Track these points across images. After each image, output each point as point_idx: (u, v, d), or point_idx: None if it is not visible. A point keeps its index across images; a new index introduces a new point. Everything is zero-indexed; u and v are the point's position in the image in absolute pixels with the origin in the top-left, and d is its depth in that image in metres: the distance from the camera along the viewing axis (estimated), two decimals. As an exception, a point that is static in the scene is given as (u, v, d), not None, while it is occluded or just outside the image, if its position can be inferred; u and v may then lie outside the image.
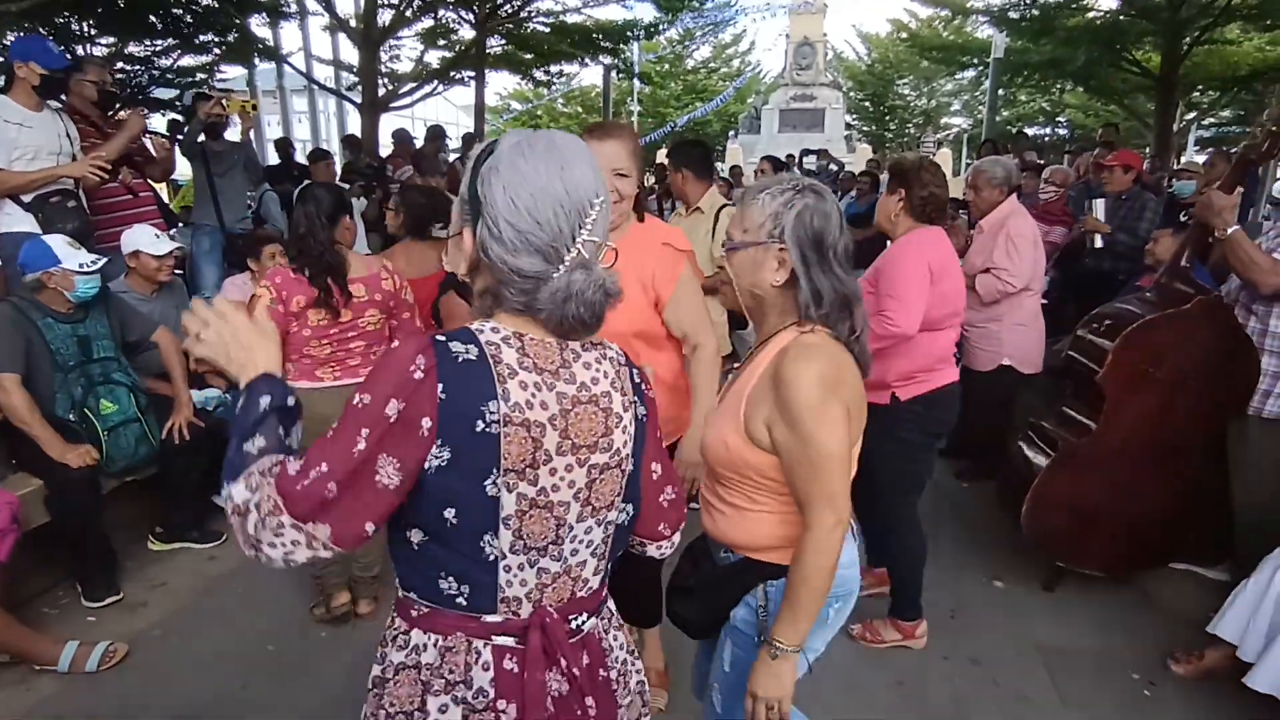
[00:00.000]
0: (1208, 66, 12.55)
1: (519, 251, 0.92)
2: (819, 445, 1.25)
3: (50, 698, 2.37)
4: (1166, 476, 2.74)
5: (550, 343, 0.97)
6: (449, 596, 0.95)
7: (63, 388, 2.82)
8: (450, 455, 0.89)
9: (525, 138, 0.95)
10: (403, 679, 0.97)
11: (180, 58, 9.39)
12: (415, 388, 0.88)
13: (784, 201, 1.32)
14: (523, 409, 0.91)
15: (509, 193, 0.92)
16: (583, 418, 0.96)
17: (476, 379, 0.90)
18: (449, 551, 0.93)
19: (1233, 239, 2.48)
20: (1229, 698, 2.28)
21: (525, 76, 12.81)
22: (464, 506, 0.91)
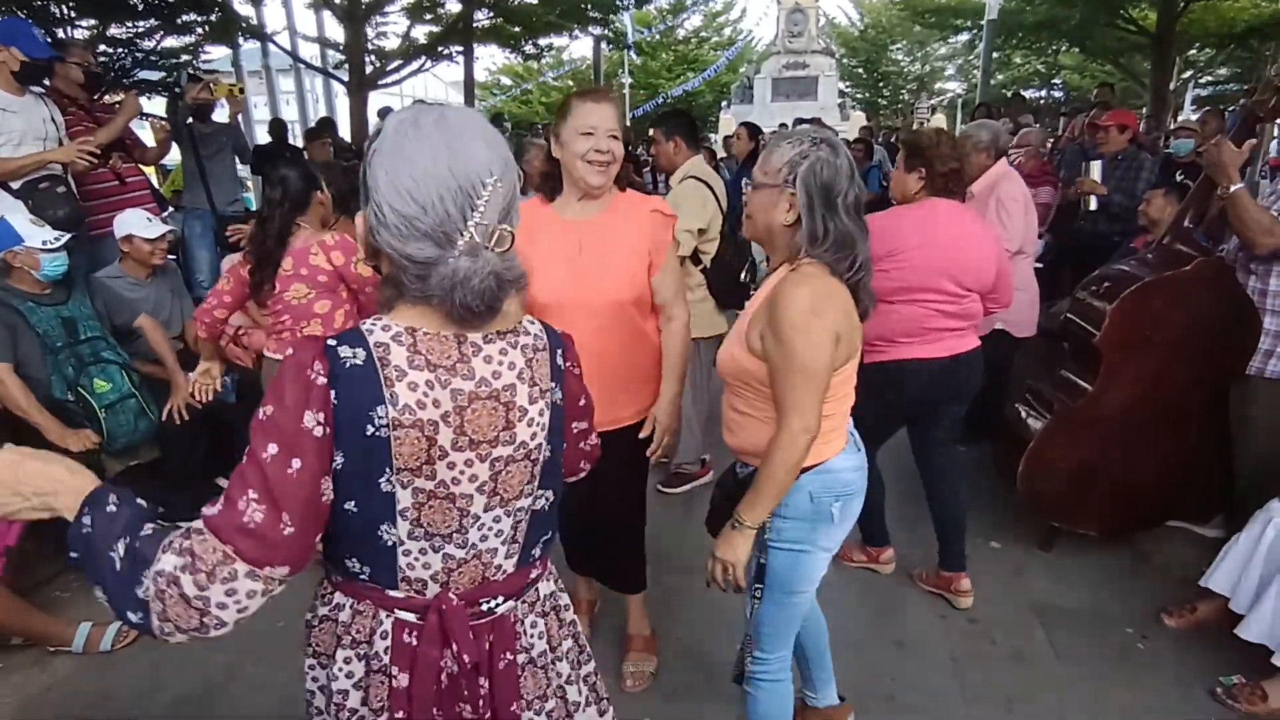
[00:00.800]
0: (1204, 23, 12.43)
1: (407, 238, 0.89)
2: (797, 357, 1.44)
3: (65, 678, 2.41)
4: (1162, 438, 2.76)
5: (447, 337, 0.94)
6: (354, 573, 1.01)
7: (56, 370, 2.83)
8: (344, 459, 0.90)
9: (412, 115, 0.92)
10: (325, 627, 1.07)
11: (163, 39, 9.25)
12: (321, 396, 0.88)
13: (800, 152, 1.48)
14: (413, 410, 0.91)
15: (391, 176, 0.89)
16: (480, 413, 0.96)
17: (365, 384, 0.89)
18: (350, 538, 0.97)
19: (1235, 196, 2.44)
20: (1220, 649, 2.33)
21: (514, 50, 12.62)
22: (361, 501, 0.93)
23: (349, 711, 1.04)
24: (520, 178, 1.80)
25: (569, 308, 1.97)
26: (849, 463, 1.63)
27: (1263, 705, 2.11)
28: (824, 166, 1.47)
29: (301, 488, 0.87)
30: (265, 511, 0.85)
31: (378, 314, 0.97)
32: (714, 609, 2.60)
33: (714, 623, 2.55)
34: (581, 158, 1.88)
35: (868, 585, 2.81)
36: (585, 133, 1.88)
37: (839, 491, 1.60)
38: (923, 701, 2.25)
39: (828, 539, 1.63)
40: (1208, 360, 2.66)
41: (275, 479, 0.86)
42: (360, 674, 1.03)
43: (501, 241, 0.91)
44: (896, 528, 2.96)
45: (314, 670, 1.09)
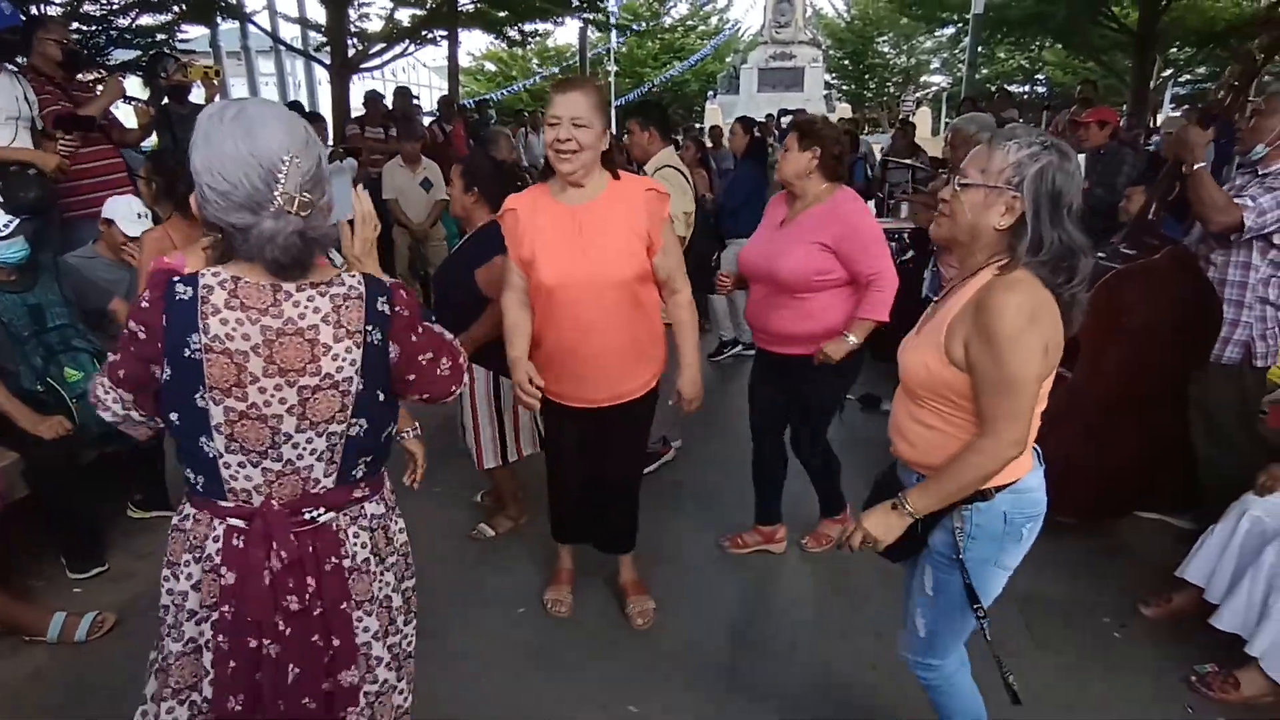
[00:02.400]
0: (1185, 22, 12.57)
1: (227, 209, 1.12)
2: (1012, 368, 1.35)
3: (41, 668, 2.37)
4: (1138, 424, 2.82)
5: (264, 285, 1.17)
6: (193, 484, 1.24)
7: (23, 360, 2.76)
8: (171, 373, 1.16)
9: (218, 110, 1.14)
10: (176, 537, 1.29)
11: (138, 17, 9.04)
12: (146, 315, 1.15)
13: (1029, 154, 1.38)
14: (223, 340, 1.14)
15: (206, 162, 1.11)
16: (289, 347, 1.17)
17: (186, 314, 1.13)
18: (180, 449, 1.22)
19: (1198, 174, 2.53)
20: (1195, 638, 2.37)
21: (499, 35, 12.48)
22: (182, 413, 1.18)
23: (188, 613, 1.25)
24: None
25: (573, 288, 2.04)
26: (1038, 481, 1.57)
27: (1235, 693, 2.15)
28: (1056, 173, 1.37)
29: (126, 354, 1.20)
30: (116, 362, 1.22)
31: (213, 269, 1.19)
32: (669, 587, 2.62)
33: (680, 601, 2.56)
34: (550, 146, 1.97)
35: (844, 575, 2.83)
36: (551, 122, 1.96)
37: (1031, 512, 1.54)
38: (904, 691, 2.27)
39: (1012, 558, 1.57)
40: (1176, 347, 2.73)
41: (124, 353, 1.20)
42: (197, 576, 1.25)
43: (303, 207, 1.13)
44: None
45: (167, 581, 1.29)
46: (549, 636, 2.50)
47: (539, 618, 2.59)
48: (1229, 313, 2.66)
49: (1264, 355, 2.69)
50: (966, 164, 1.47)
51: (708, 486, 3.46)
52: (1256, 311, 2.65)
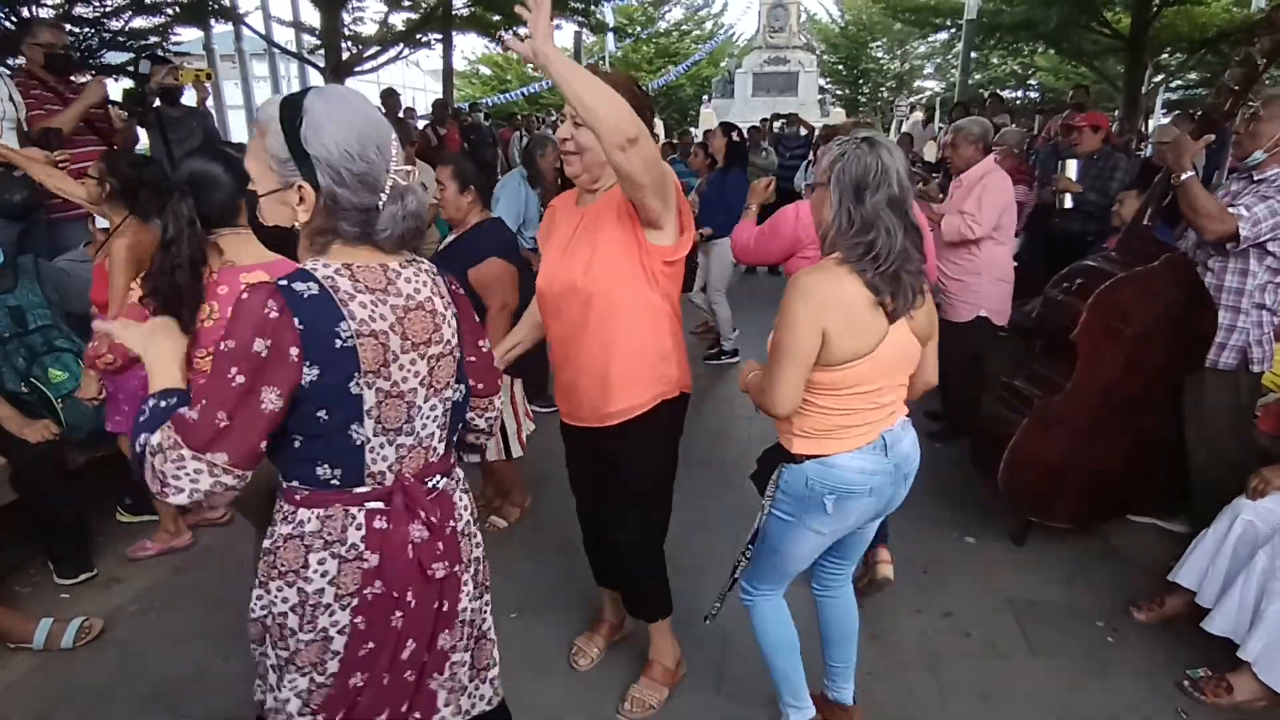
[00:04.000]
0: (1177, 28, 12.63)
1: (359, 190, 1.12)
2: (781, 339, 1.58)
3: (26, 675, 2.34)
4: (1133, 428, 2.83)
5: (374, 268, 1.18)
6: (325, 480, 1.18)
7: (5, 362, 2.74)
8: (319, 370, 1.10)
9: (329, 94, 1.15)
10: (289, 546, 1.20)
11: (131, 19, 9.00)
12: (275, 325, 1.07)
13: (838, 153, 1.57)
14: (368, 323, 1.14)
15: (341, 144, 1.10)
16: (415, 321, 1.20)
17: (324, 308, 1.10)
18: (324, 444, 1.16)
19: (1187, 184, 2.53)
20: (1187, 642, 2.38)
21: (494, 39, 12.48)
22: (333, 407, 1.13)
23: (323, 607, 1.20)
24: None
25: (549, 296, 1.93)
26: (856, 464, 1.69)
27: (1227, 697, 2.15)
28: (853, 163, 1.54)
29: (241, 392, 1.07)
30: (201, 411, 1.08)
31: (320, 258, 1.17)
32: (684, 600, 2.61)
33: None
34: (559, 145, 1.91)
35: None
36: (560, 121, 1.88)
37: (833, 485, 1.69)
38: (898, 695, 2.26)
39: (819, 523, 1.73)
40: (1170, 352, 2.74)
41: (220, 387, 1.07)
42: (334, 570, 1.19)
43: (412, 180, 1.17)
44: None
45: (281, 590, 1.20)
46: (539, 641, 2.49)
47: (531, 622, 2.58)
48: (1225, 318, 2.66)
49: (1260, 360, 2.69)
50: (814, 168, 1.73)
51: (702, 489, 3.45)
52: (1253, 317, 2.65)
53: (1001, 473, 2.83)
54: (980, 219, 3.51)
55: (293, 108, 1.13)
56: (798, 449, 1.70)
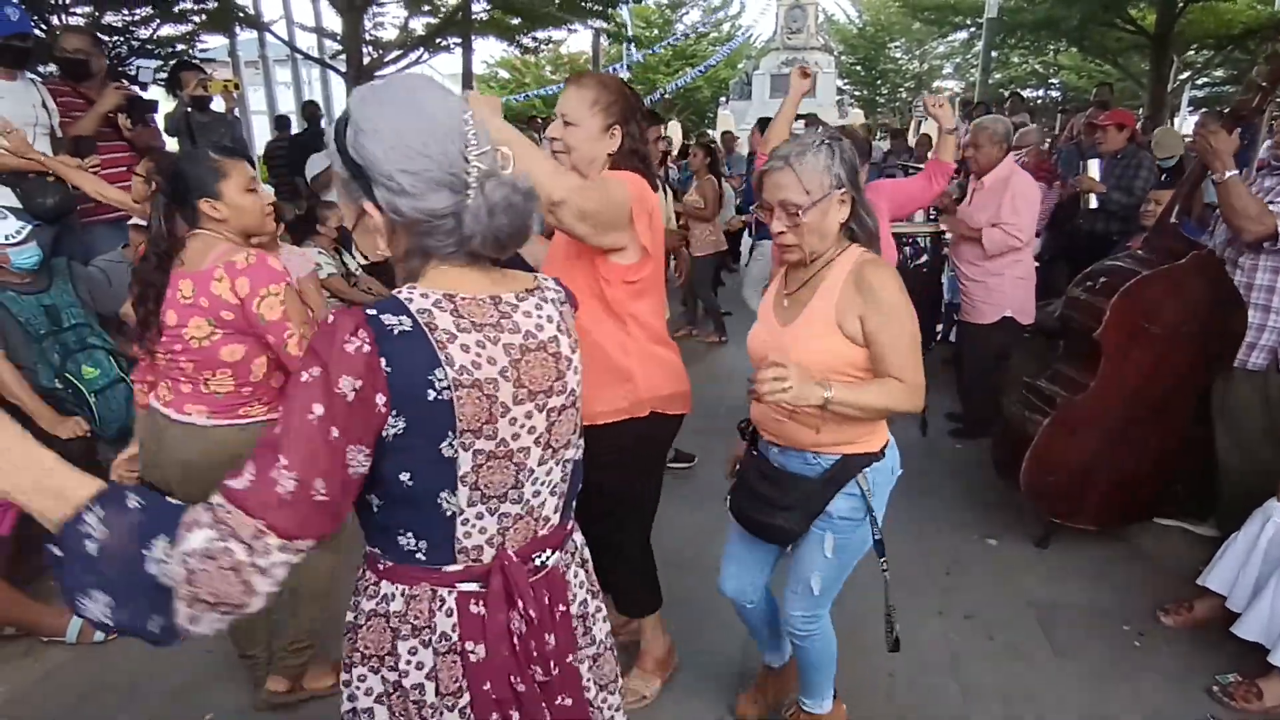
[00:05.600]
0: (1202, 24, 12.46)
1: (425, 193, 0.91)
2: (912, 329, 1.56)
3: (57, 668, 2.39)
4: (1159, 429, 2.79)
5: (483, 299, 0.96)
6: (408, 552, 0.97)
7: (41, 358, 2.81)
8: (406, 425, 0.89)
9: (368, 92, 0.95)
10: (373, 624, 1.00)
11: (159, 27, 9.17)
12: (365, 363, 0.85)
13: (827, 156, 1.54)
14: (469, 370, 0.91)
15: (385, 144, 0.90)
16: (534, 364, 0.98)
17: (417, 350, 0.89)
18: (407, 512, 0.95)
19: (1229, 183, 2.48)
20: (1217, 647, 2.34)
21: (513, 43, 12.56)
22: (420, 470, 0.92)
23: (429, 709, 0.99)
24: None
25: None
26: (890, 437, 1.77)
27: (1258, 703, 2.12)
28: (849, 155, 1.57)
29: (335, 453, 0.84)
30: (297, 480, 0.80)
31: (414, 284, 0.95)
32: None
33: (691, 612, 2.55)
34: None
35: (862, 582, 2.80)
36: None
37: (896, 467, 1.75)
38: (920, 699, 2.25)
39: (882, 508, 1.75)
40: (1199, 352, 2.70)
41: (315, 443, 0.82)
42: (430, 662, 0.99)
43: (506, 160, 0.95)
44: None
45: (364, 679, 1.01)
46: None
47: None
48: (1256, 317, 2.61)
49: None
50: (781, 198, 1.57)
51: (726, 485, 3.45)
52: None
53: (1024, 474, 2.80)
54: (1021, 227, 3.49)
55: (342, 117, 0.95)
56: (878, 443, 1.69)
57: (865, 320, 1.55)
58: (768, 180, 1.58)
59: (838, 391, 1.49)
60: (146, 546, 0.75)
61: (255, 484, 0.80)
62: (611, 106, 1.80)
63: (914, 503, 3.33)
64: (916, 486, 2.78)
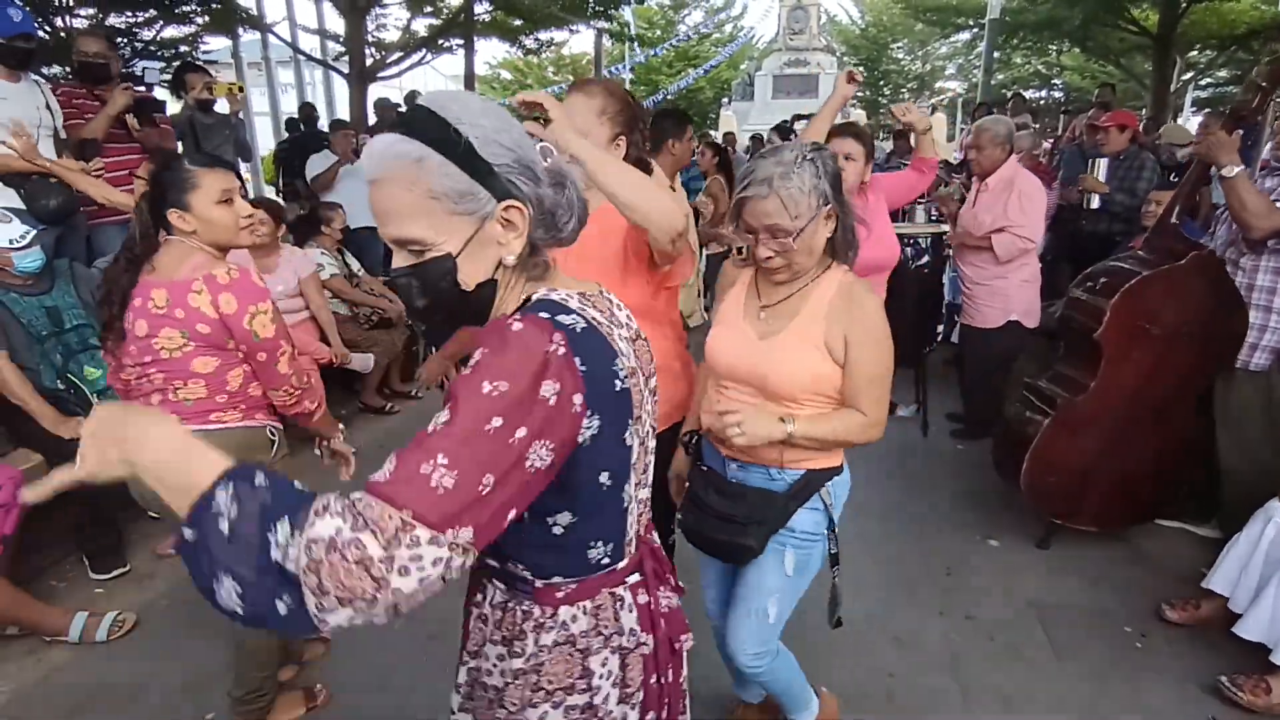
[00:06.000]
0: (1205, 24, 12.43)
1: (544, 182, 0.92)
2: (888, 362, 1.54)
3: (61, 668, 2.40)
4: (1160, 430, 2.78)
5: (592, 293, 0.97)
6: (597, 563, 0.96)
7: (44, 359, 2.82)
8: (600, 422, 0.87)
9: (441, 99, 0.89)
10: (558, 657, 0.96)
11: (163, 29, 9.20)
12: (563, 365, 0.82)
13: (811, 174, 1.47)
14: (629, 357, 0.94)
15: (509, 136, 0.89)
16: (641, 350, 1.00)
17: (599, 343, 0.89)
18: (600, 517, 0.94)
19: (1236, 179, 2.48)
20: (1217, 648, 2.34)
21: (515, 44, 12.57)
22: (613, 465, 0.92)
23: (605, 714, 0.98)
24: None
25: None
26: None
27: (1266, 698, 2.11)
28: (828, 163, 1.51)
29: (517, 452, 0.79)
30: (458, 477, 0.74)
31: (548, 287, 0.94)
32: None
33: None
34: None
35: (864, 583, 2.81)
36: None
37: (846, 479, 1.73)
38: (921, 699, 2.25)
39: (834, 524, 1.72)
40: (1200, 353, 2.70)
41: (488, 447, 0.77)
42: (616, 666, 0.98)
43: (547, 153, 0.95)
44: (880, 523, 2.95)
45: (547, 716, 0.96)
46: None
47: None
48: (1257, 318, 2.62)
49: None
50: (768, 223, 1.48)
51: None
52: None
53: (1025, 475, 2.80)
54: (1030, 228, 3.47)
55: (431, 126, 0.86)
56: (839, 458, 1.67)
57: (848, 342, 1.52)
58: (752, 206, 1.48)
59: (800, 426, 1.51)
60: (270, 529, 0.72)
61: (401, 474, 0.74)
62: (618, 115, 1.76)
63: (915, 503, 3.33)
64: (917, 487, 2.78)
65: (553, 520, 0.91)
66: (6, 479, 2.47)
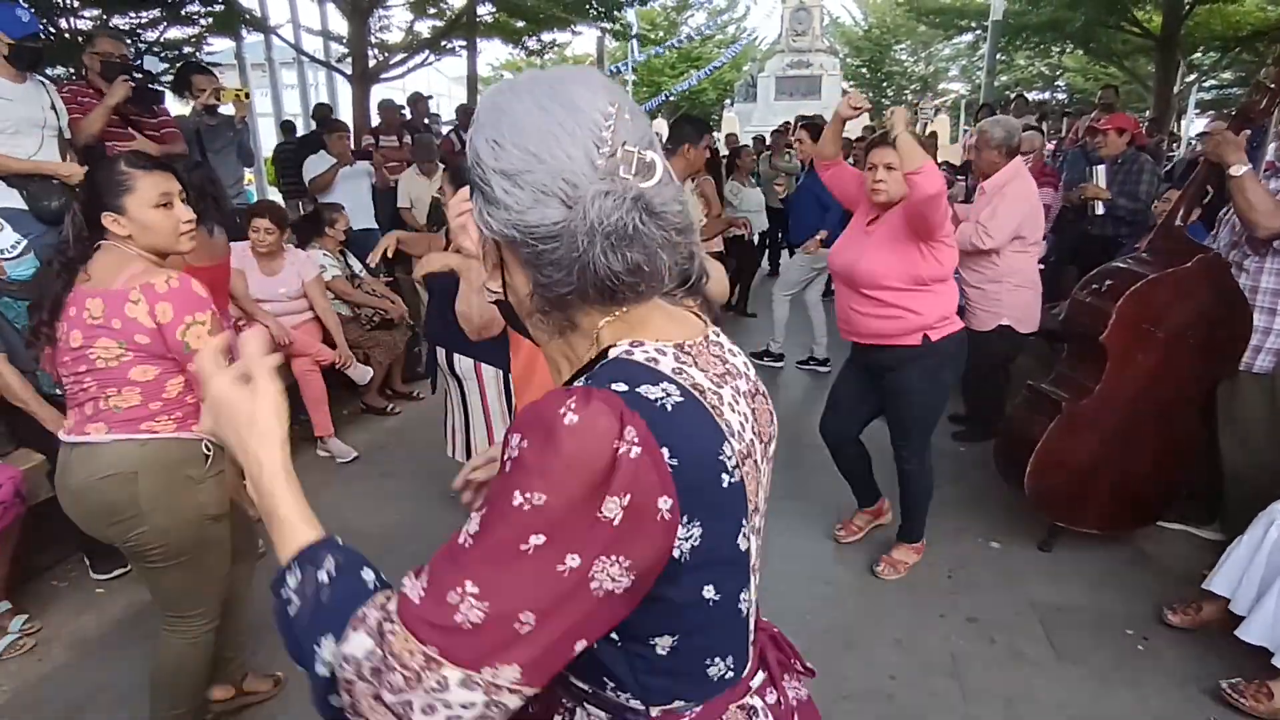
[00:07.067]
0: (1210, 26, 12.41)
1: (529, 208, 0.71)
2: None
3: (59, 669, 2.41)
4: (1163, 432, 2.78)
5: (700, 342, 0.76)
6: (719, 680, 0.79)
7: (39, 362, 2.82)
8: (702, 528, 0.68)
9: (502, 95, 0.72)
10: None
11: (166, 30, 9.22)
12: (637, 471, 0.62)
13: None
14: (741, 435, 0.72)
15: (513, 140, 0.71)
16: (761, 412, 0.79)
17: (698, 425, 0.68)
18: (712, 634, 0.76)
19: (1243, 178, 2.48)
20: (1219, 651, 2.33)
21: (518, 45, 12.59)
22: (723, 577, 0.73)
23: None
24: None
25: None
26: None
27: (1268, 703, 2.11)
28: None
29: (571, 582, 0.62)
30: (489, 610, 0.61)
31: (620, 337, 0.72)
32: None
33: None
34: None
35: (866, 583, 2.81)
36: None
37: None
38: (922, 700, 2.24)
39: None
40: (1204, 355, 2.70)
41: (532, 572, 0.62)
42: None
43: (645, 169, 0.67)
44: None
45: None
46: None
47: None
48: (1261, 320, 2.61)
49: None
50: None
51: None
52: None
53: (1028, 477, 2.79)
54: (993, 229, 3.38)
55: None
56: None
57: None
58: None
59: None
60: (317, 642, 0.66)
61: (429, 599, 0.63)
62: None
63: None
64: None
65: (654, 642, 0.73)
66: (5, 479, 2.47)
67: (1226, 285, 2.65)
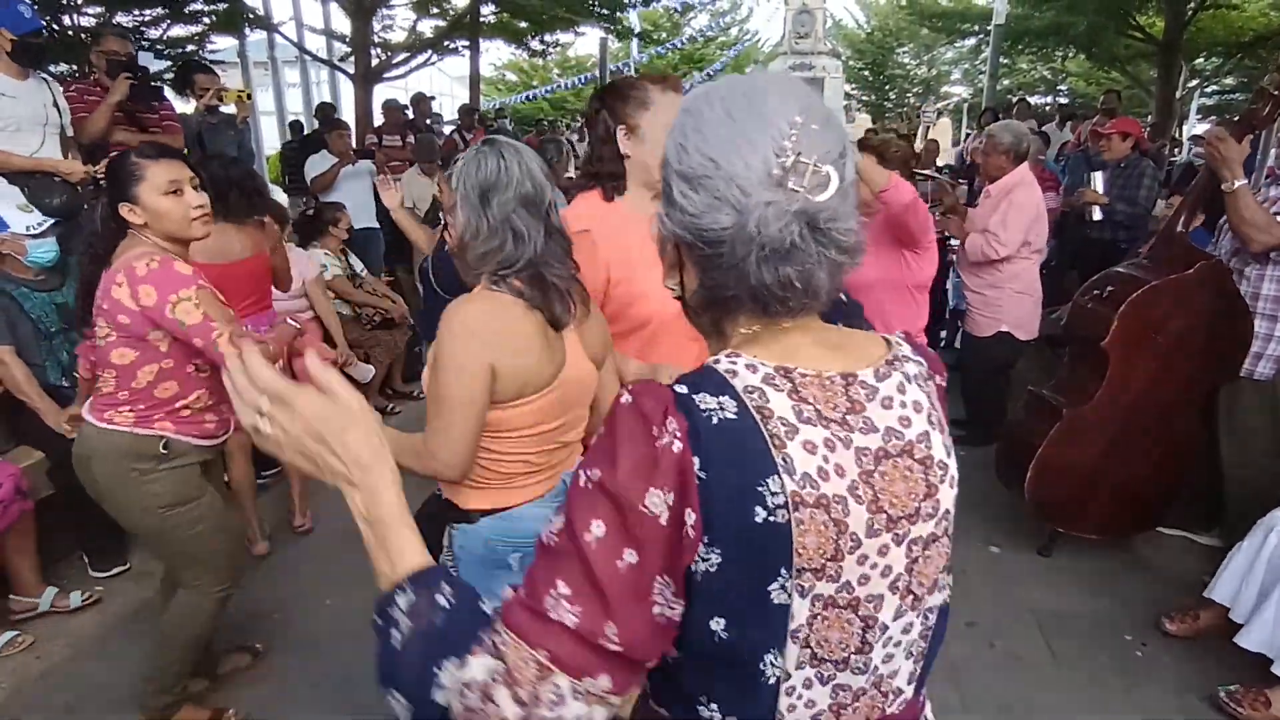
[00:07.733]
0: (1212, 32, 12.41)
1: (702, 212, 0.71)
2: (443, 388, 1.31)
3: (57, 667, 2.41)
4: (1163, 438, 2.78)
5: (831, 378, 0.70)
6: None
7: (50, 355, 2.83)
8: (721, 558, 0.65)
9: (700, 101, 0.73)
10: None
11: (169, 28, 9.22)
12: (673, 468, 0.63)
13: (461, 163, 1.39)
14: (815, 481, 0.66)
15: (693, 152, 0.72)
16: (895, 479, 0.70)
17: (743, 447, 0.65)
18: (715, 672, 0.71)
19: (1237, 192, 2.48)
20: (1218, 658, 2.33)
21: (520, 46, 12.60)
22: (738, 619, 0.68)
23: None
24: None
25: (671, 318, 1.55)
26: (542, 514, 1.42)
27: (1265, 711, 2.10)
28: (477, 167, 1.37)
29: (634, 590, 0.63)
30: (581, 614, 0.62)
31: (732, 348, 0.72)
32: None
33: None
34: None
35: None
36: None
37: (519, 542, 1.44)
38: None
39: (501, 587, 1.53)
40: (1204, 362, 2.70)
41: (600, 571, 0.62)
42: None
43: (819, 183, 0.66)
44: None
45: None
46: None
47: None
48: (1262, 327, 2.61)
49: None
50: None
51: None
52: None
53: (1028, 482, 2.79)
54: (1005, 239, 3.42)
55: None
56: (471, 504, 1.44)
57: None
58: None
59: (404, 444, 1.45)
60: (438, 665, 0.63)
61: (530, 605, 0.64)
62: None
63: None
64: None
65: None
66: (5, 476, 2.47)
67: (1228, 292, 2.64)
